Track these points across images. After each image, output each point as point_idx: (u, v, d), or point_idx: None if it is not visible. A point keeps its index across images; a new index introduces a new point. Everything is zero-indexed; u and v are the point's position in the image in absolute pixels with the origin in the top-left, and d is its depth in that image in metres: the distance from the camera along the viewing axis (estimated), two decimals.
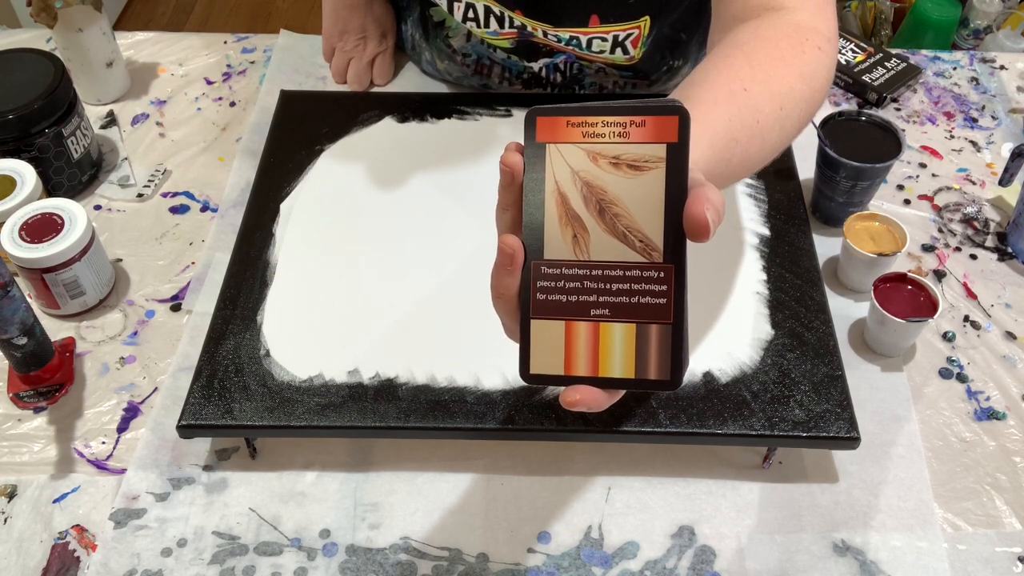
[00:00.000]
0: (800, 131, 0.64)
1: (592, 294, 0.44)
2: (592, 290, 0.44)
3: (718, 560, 0.65)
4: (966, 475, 0.70)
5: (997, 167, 0.93)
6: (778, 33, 0.63)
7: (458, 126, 0.90)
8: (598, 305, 0.44)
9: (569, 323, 0.44)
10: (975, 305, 0.81)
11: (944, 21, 1.79)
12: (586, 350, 0.44)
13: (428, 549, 0.66)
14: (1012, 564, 0.65)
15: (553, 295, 0.44)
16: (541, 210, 0.44)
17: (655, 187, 0.43)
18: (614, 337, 0.44)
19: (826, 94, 0.66)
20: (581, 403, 0.44)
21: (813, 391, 0.67)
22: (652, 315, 0.43)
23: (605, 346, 0.44)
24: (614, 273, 0.44)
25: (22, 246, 0.75)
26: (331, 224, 0.80)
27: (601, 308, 0.44)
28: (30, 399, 0.74)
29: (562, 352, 0.44)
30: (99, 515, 0.68)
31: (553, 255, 0.44)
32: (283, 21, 2.57)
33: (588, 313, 0.44)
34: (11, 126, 0.84)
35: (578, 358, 0.44)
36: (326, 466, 0.70)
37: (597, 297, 0.44)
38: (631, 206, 0.43)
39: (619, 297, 0.44)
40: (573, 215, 0.44)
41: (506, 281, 0.44)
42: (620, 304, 0.44)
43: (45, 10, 0.91)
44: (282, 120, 0.90)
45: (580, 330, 0.44)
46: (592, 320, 0.44)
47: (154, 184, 0.92)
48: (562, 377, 0.44)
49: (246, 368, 0.69)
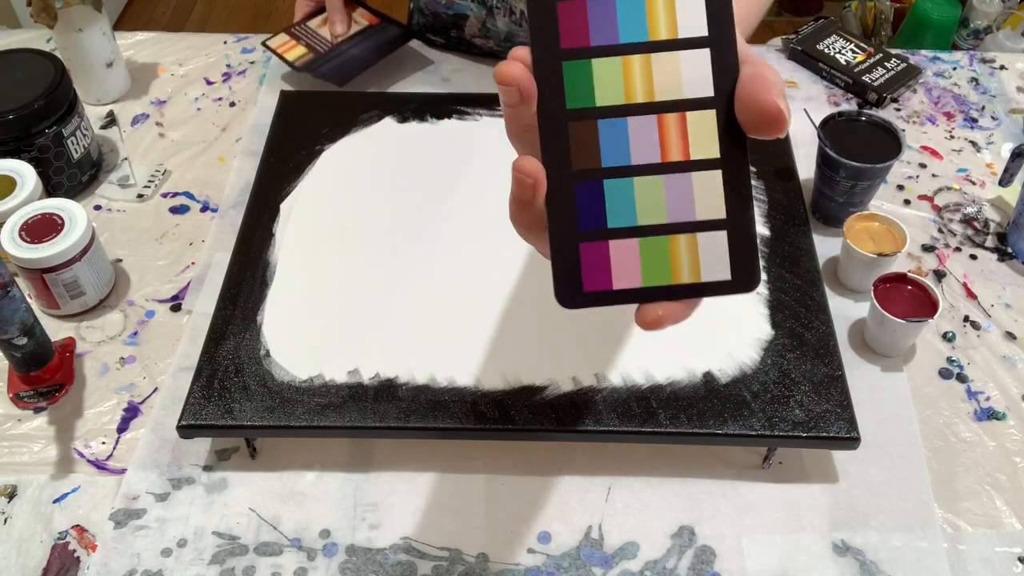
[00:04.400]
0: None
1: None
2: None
3: (718, 560, 0.65)
4: (966, 475, 0.70)
5: (997, 167, 0.93)
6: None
7: (458, 126, 0.90)
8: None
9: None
10: (975, 305, 0.81)
11: (944, 21, 1.79)
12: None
13: (428, 549, 0.66)
14: (1012, 564, 0.65)
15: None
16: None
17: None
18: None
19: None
20: (666, 319, 0.38)
21: (813, 391, 0.67)
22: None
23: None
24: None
25: (22, 246, 0.75)
26: (331, 224, 0.80)
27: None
28: (30, 399, 0.74)
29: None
30: (99, 515, 0.68)
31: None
32: (283, 21, 2.57)
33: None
34: (11, 126, 0.84)
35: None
36: (326, 466, 0.70)
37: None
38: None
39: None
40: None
41: (530, 214, 0.38)
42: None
43: (45, 10, 0.91)
44: (282, 120, 0.90)
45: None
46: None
47: (154, 184, 0.92)
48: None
49: (246, 368, 0.69)
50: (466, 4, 0.99)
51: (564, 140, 0.38)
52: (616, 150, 0.38)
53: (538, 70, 0.38)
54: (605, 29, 0.38)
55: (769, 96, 0.36)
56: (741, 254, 0.38)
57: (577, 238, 0.39)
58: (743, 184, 0.38)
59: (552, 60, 0.38)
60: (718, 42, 0.38)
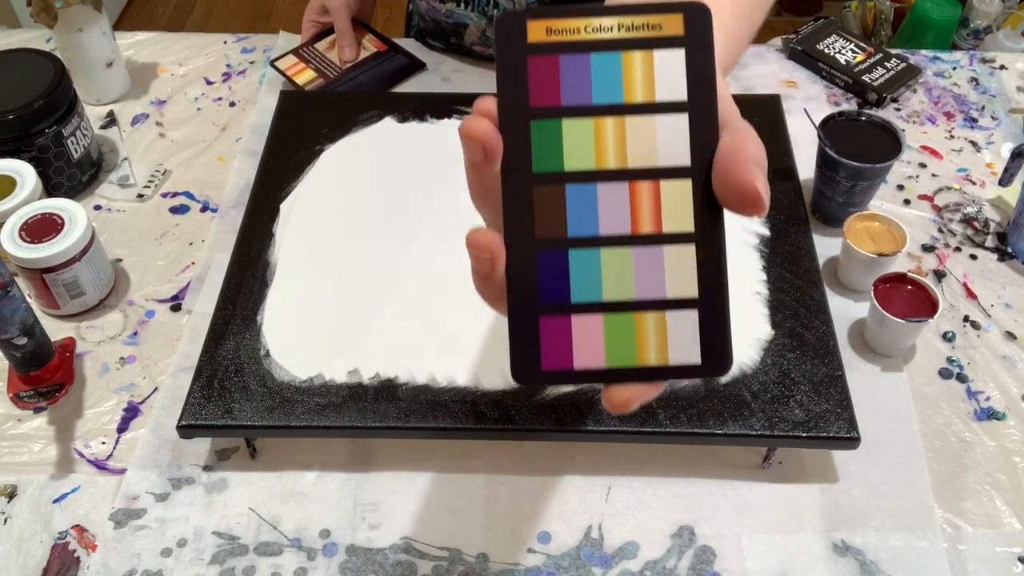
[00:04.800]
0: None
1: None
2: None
3: (718, 560, 0.65)
4: (966, 475, 0.70)
5: (997, 167, 0.93)
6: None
7: (458, 126, 0.90)
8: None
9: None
10: (975, 305, 0.81)
11: (944, 21, 1.79)
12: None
13: (428, 549, 0.66)
14: (1012, 564, 0.65)
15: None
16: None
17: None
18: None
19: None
20: (633, 401, 0.36)
21: (813, 391, 0.67)
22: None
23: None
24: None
25: (22, 246, 0.75)
26: (331, 224, 0.80)
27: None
28: (30, 399, 0.74)
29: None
30: (99, 515, 0.68)
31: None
32: (283, 21, 2.57)
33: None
34: (11, 126, 0.84)
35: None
36: (326, 466, 0.70)
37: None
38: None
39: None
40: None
41: (494, 286, 0.36)
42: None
43: (45, 10, 0.91)
44: (282, 120, 0.90)
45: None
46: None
47: (154, 184, 0.92)
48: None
49: (246, 368, 0.69)
50: (466, 14, 0.99)
51: (528, 205, 0.36)
52: (584, 219, 0.36)
53: (504, 128, 0.35)
54: (578, 88, 0.36)
55: (747, 176, 0.33)
56: (712, 336, 0.36)
57: (537, 311, 0.36)
58: (718, 261, 0.36)
59: (519, 118, 0.36)
60: (698, 108, 0.35)
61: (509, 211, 0.36)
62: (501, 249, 0.35)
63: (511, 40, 0.36)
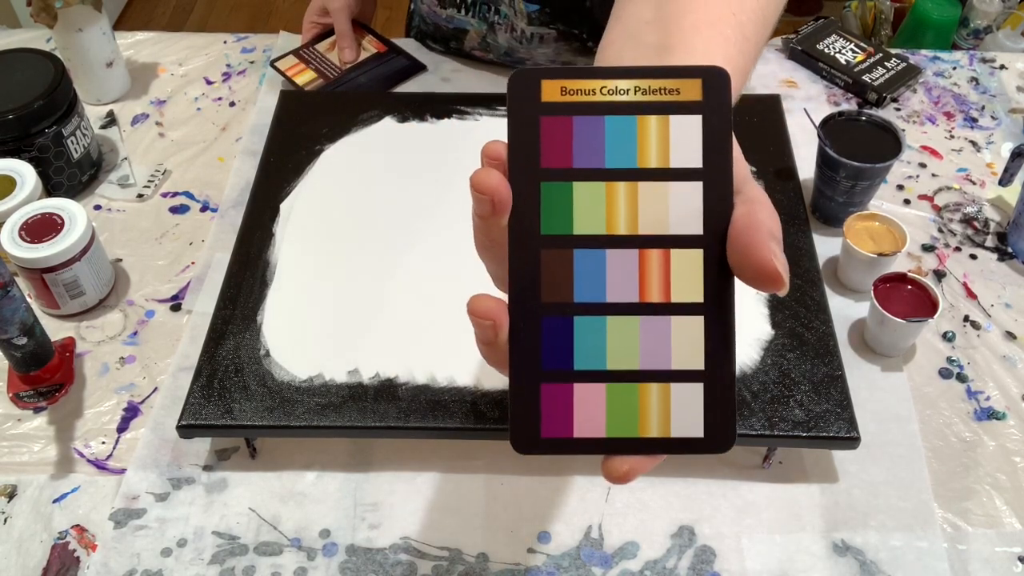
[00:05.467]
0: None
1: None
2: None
3: (718, 560, 0.65)
4: (966, 475, 0.70)
5: (997, 167, 0.93)
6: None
7: (458, 126, 0.90)
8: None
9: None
10: (975, 305, 0.81)
11: (944, 21, 1.79)
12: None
13: (428, 549, 0.66)
14: (1012, 564, 0.65)
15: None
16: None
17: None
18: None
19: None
20: (633, 473, 0.35)
21: (813, 391, 0.67)
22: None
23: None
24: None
25: (22, 246, 0.75)
26: (331, 224, 0.80)
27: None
28: (30, 399, 0.74)
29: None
30: (99, 515, 0.68)
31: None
32: (283, 21, 2.57)
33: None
34: (11, 126, 0.84)
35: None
36: (326, 466, 0.70)
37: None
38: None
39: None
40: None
41: (498, 352, 0.35)
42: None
43: (45, 10, 0.91)
44: (282, 120, 0.90)
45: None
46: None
47: (154, 184, 0.92)
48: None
49: (246, 368, 0.69)
50: (466, 19, 0.99)
51: (535, 268, 0.35)
52: (591, 285, 0.35)
53: (514, 187, 0.34)
54: (591, 151, 0.35)
55: (765, 253, 0.32)
56: (717, 411, 0.35)
57: (539, 378, 0.35)
58: (727, 334, 0.35)
59: (529, 178, 0.35)
60: (713, 176, 0.35)
61: (515, 273, 0.35)
62: (503, 316, 0.34)
63: (524, 98, 0.35)
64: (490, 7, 0.96)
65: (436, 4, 1.00)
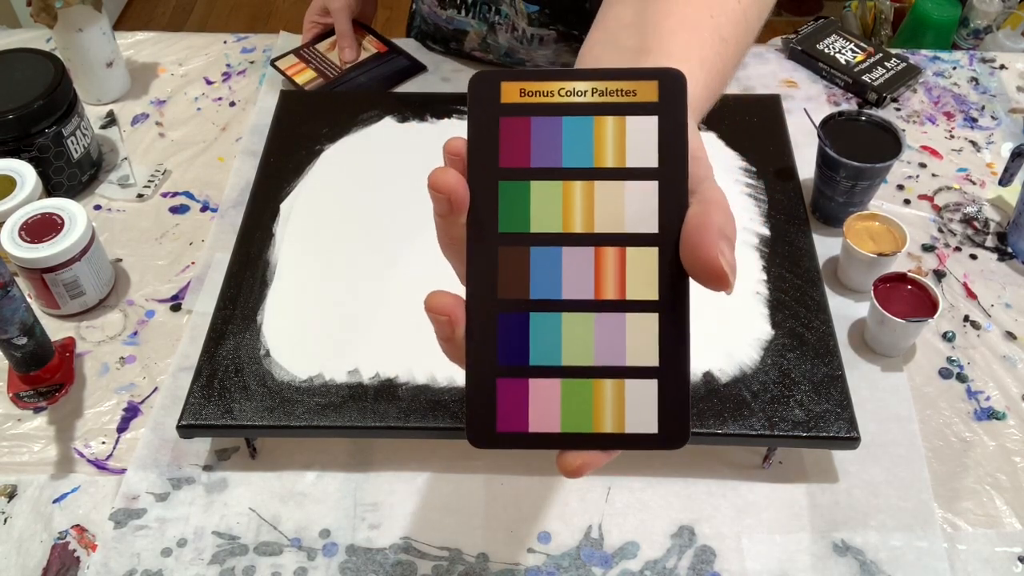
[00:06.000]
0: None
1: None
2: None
3: (718, 560, 0.65)
4: (966, 475, 0.70)
5: (997, 167, 0.93)
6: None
7: (458, 126, 0.90)
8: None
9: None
10: (975, 305, 0.81)
11: (944, 21, 1.78)
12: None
13: (428, 549, 0.66)
14: (1012, 564, 0.65)
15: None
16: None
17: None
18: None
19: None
20: (586, 468, 0.36)
21: (813, 391, 0.67)
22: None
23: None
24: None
25: (22, 246, 0.75)
26: (331, 224, 0.80)
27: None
28: (30, 399, 0.74)
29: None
30: (99, 515, 0.68)
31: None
32: (283, 21, 2.57)
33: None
34: (11, 126, 0.84)
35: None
36: (326, 466, 0.70)
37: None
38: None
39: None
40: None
41: (457, 347, 0.36)
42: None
43: (45, 10, 0.91)
44: (282, 120, 0.90)
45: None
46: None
47: (154, 184, 0.93)
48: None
49: (246, 368, 0.69)
50: (466, 20, 0.99)
51: (492, 265, 0.35)
52: (547, 282, 0.35)
53: (472, 186, 0.35)
54: (548, 151, 0.35)
55: (712, 251, 0.33)
56: (671, 407, 0.35)
57: (495, 373, 0.36)
58: (681, 331, 0.35)
59: (488, 177, 0.35)
60: (668, 176, 0.35)
61: (473, 269, 0.36)
62: (459, 312, 0.35)
63: (484, 100, 0.36)
64: (490, 8, 0.96)
65: (436, 5, 1.00)
